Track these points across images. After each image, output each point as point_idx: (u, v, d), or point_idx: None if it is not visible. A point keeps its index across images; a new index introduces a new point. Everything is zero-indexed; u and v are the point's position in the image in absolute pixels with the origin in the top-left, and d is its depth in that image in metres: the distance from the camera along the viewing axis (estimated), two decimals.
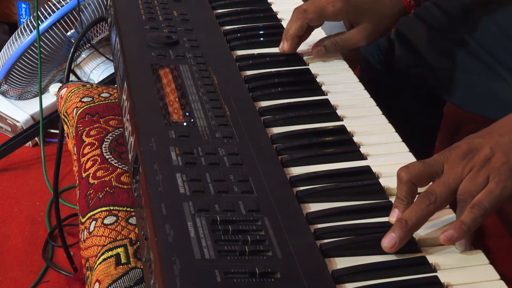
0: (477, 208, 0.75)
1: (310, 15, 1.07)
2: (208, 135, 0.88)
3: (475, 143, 0.80)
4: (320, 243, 0.75)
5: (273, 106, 0.99)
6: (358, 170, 0.87)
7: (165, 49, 1.06)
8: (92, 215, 0.98)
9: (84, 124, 1.17)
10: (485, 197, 0.75)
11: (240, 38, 1.16)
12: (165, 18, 1.16)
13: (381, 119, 0.98)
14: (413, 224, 0.75)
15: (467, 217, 0.75)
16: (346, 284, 0.71)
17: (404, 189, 0.78)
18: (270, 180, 0.81)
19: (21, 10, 2.30)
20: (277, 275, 0.68)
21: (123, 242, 0.92)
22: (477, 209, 0.75)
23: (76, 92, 1.25)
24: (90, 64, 2.20)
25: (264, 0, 1.30)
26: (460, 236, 0.75)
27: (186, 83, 0.98)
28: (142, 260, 0.80)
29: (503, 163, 0.77)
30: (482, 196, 0.76)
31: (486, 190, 0.76)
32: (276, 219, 0.75)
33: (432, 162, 0.79)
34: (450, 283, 0.72)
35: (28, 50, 2.05)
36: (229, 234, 0.72)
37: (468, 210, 0.75)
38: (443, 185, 0.77)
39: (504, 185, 0.76)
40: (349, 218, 0.79)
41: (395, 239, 0.74)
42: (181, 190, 0.78)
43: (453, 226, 0.75)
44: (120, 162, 1.07)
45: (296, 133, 0.93)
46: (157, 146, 0.84)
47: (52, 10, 2.04)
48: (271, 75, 1.06)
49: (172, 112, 0.91)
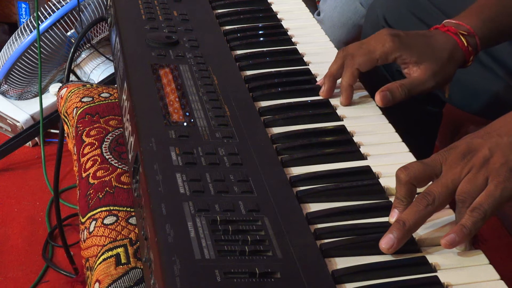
0: (477, 211, 0.75)
1: (359, 59, 0.99)
2: (208, 135, 0.88)
3: (474, 143, 0.79)
4: (320, 243, 0.75)
5: (273, 106, 0.99)
6: (358, 170, 0.87)
7: (165, 49, 1.06)
8: (92, 215, 0.98)
9: (84, 124, 1.17)
10: (485, 200, 0.75)
11: (240, 38, 1.17)
12: (165, 18, 1.16)
13: (381, 119, 0.98)
14: (411, 225, 0.75)
15: (467, 220, 0.75)
16: (346, 284, 0.71)
17: (403, 190, 0.78)
18: (270, 180, 0.81)
19: (21, 10, 2.30)
20: (277, 275, 0.68)
21: (123, 242, 0.92)
22: (478, 212, 0.75)
23: (76, 92, 1.25)
24: (90, 64, 2.20)
25: (264, 0, 1.30)
26: (462, 240, 0.75)
27: (186, 83, 0.98)
28: (142, 260, 0.80)
29: (502, 164, 0.77)
30: (482, 198, 0.75)
31: (486, 192, 0.76)
32: (276, 219, 0.75)
33: (430, 163, 0.79)
34: (450, 283, 0.72)
35: (28, 50, 2.05)
36: (229, 234, 0.72)
37: (468, 213, 0.75)
38: (442, 186, 0.77)
39: (504, 187, 0.76)
40: (349, 218, 0.79)
41: (393, 240, 0.74)
42: (181, 190, 0.78)
43: (454, 230, 0.75)
44: (120, 162, 1.07)
45: (296, 133, 0.93)
46: (157, 146, 0.84)
47: (52, 10, 2.04)
48: (271, 75, 1.06)
49: (172, 112, 0.91)
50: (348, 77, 0.99)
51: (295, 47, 1.14)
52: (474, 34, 1.03)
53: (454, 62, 1.02)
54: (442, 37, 1.03)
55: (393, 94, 0.99)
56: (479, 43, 1.04)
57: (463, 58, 1.03)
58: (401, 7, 1.34)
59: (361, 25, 1.84)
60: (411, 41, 1.01)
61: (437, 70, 1.01)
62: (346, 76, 1.00)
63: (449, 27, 1.03)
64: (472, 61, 1.04)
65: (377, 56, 1.00)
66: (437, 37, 1.03)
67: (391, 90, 0.99)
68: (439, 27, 1.05)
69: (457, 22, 1.04)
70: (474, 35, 1.03)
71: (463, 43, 1.02)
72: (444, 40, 1.02)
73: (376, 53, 1.00)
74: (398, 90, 0.99)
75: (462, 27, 1.03)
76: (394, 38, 1.00)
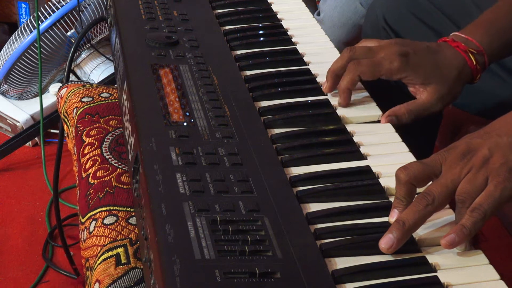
0: (477, 212, 0.75)
1: (364, 68, 0.98)
2: (208, 135, 0.88)
3: (474, 143, 0.79)
4: (320, 243, 0.75)
5: (273, 106, 0.99)
6: (358, 170, 0.87)
7: (165, 49, 1.06)
8: (92, 215, 0.98)
9: (84, 124, 1.17)
10: (485, 200, 0.75)
11: (240, 38, 1.17)
12: (165, 18, 1.16)
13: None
14: (410, 225, 0.75)
15: (467, 220, 0.75)
16: (346, 284, 0.71)
17: (403, 190, 0.78)
18: (270, 180, 0.81)
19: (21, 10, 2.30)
20: (277, 275, 0.68)
21: (123, 242, 0.92)
22: (477, 212, 0.75)
23: (76, 92, 1.25)
24: (90, 64, 2.20)
25: (264, 0, 1.30)
26: (462, 240, 0.75)
27: (186, 83, 0.98)
28: (142, 260, 0.80)
29: (502, 164, 0.77)
30: (482, 199, 0.75)
31: (486, 192, 0.76)
32: (276, 219, 0.75)
33: (430, 163, 0.79)
34: (450, 283, 0.72)
35: (28, 50, 2.05)
36: (229, 234, 0.72)
37: (468, 213, 0.75)
38: (441, 186, 0.77)
39: (504, 187, 0.76)
40: (349, 218, 0.79)
41: (392, 240, 0.74)
42: (181, 190, 0.78)
43: (454, 230, 0.75)
44: (120, 162, 1.07)
45: (296, 133, 0.93)
46: (157, 146, 0.84)
47: (52, 10, 2.04)
48: (271, 75, 1.06)
49: (172, 112, 0.91)
50: (348, 81, 0.99)
51: (295, 47, 1.14)
52: (483, 53, 1.03)
53: (462, 80, 1.02)
54: (451, 54, 1.02)
55: (399, 119, 0.99)
56: (487, 61, 1.03)
57: (471, 76, 1.03)
58: (401, 7, 1.34)
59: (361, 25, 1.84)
60: (419, 61, 1.00)
61: (445, 93, 1.01)
62: (346, 80, 0.99)
63: (459, 43, 1.02)
64: (479, 79, 1.04)
65: (382, 72, 0.99)
66: (446, 54, 1.02)
67: (398, 115, 0.99)
68: (448, 40, 1.04)
69: (467, 37, 1.03)
70: (483, 53, 1.03)
71: (472, 62, 1.02)
72: (452, 57, 1.02)
73: (382, 69, 0.99)
74: (405, 115, 1.00)
75: (471, 44, 1.03)
76: (402, 59, 0.99)
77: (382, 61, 0.99)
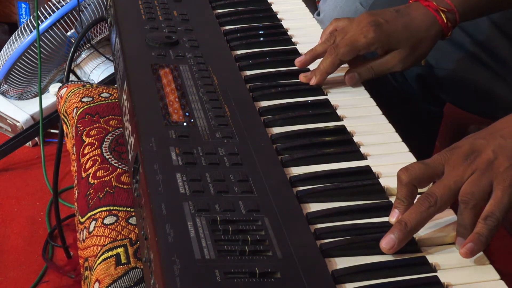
0: (490, 220, 0.74)
1: (342, 50, 1.01)
2: (208, 135, 0.88)
3: (477, 144, 0.78)
4: (320, 243, 0.75)
5: (273, 106, 0.99)
6: (358, 170, 0.87)
7: (165, 49, 1.06)
8: (92, 215, 0.98)
9: (84, 124, 1.17)
10: (495, 208, 0.75)
11: (240, 38, 1.17)
12: (165, 18, 1.16)
13: (381, 119, 0.98)
14: (412, 226, 0.75)
15: (482, 228, 0.74)
16: (346, 284, 0.71)
17: (404, 191, 0.78)
18: (270, 180, 0.81)
19: (21, 10, 2.30)
20: (277, 275, 0.68)
21: (123, 242, 0.92)
22: (491, 220, 0.74)
23: (76, 92, 1.25)
24: (90, 64, 2.20)
25: (264, 0, 1.30)
26: (480, 248, 0.74)
27: (186, 83, 0.98)
28: (142, 260, 0.80)
29: (507, 168, 0.76)
30: (492, 206, 0.75)
31: (495, 199, 0.75)
32: (276, 219, 0.75)
33: (432, 164, 0.78)
34: (450, 283, 0.72)
35: (28, 50, 2.05)
36: (229, 234, 0.72)
37: (481, 222, 0.75)
38: (444, 188, 0.76)
39: (511, 192, 0.75)
40: (349, 218, 0.79)
41: (393, 240, 0.74)
42: (181, 190, 0.78)
43: (471, 239, 0.74)
44: (120, 162, 1.07)
45: (296, 133, 0.93)
46: (157, 146, 0.84)
47: (52, 10, 2.04)
48: (271, 75, 1.06)
49: (172, 112, 0.91)
50: (328, 64, 1.02)
51: (295, 47, 1.14)
52: (455, 11, 1.05)
53: (431, 39, 1.05)
54: (421, 14, 1.04)
55: (361, 75, 1.04)
56: (458, 18, 1.06)
57: (441, 33, 1.05)
58: None
59: None
60: (391, 28, 1.03)
61: (407, 54, 1.04)
62: (326, 62, 1.02)
63: (430, 2, 1.05)
64: (450, 35, 1.07)
65: (360, 48, 1.02)
66: (416, 15, 1.04)
67: (359, 72, 1.04)
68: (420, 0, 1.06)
69: None
70: (455, 11, 1.05)
71: (442, 19, 1.04)
72: (422, 17, 1.04)
73: (359, 44, 1.02)
74: (366, 72, 1.04)
75: (442, 2, 1.05)
76: (376, 29, 1.02)
77: (358, 37, 1.02)
